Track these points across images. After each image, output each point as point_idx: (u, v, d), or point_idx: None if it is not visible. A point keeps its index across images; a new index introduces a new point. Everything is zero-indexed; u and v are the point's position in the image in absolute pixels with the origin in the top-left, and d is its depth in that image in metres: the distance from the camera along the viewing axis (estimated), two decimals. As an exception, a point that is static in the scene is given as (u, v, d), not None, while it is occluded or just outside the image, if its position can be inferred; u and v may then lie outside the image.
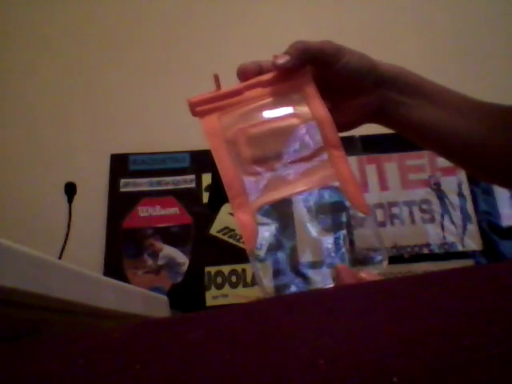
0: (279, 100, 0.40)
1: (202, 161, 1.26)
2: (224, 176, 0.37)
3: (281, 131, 0.39)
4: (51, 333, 0.44)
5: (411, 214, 1.23)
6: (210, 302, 1.12)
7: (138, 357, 0.19)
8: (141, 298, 0.61)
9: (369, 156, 1.28)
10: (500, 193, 1.23)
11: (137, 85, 1.38)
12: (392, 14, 1.46)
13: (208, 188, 1.24)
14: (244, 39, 1.42)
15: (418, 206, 1.24)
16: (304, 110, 0.40)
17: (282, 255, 0.38)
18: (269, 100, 0.40)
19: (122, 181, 1.25)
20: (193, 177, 1.25)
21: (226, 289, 1.13)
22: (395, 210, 1.23)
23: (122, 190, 1.24)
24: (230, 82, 0.43)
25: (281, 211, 0.38)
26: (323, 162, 0.38)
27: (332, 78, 0.43)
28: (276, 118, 0.40)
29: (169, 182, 1.25)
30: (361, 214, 0.36)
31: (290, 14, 1.46)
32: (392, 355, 0.17)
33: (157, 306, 0.67)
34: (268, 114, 0.40)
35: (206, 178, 1.25)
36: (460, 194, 1.24)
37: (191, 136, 1.35)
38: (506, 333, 0.17)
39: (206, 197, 1.23)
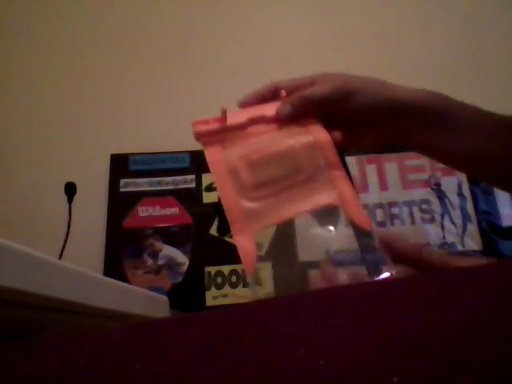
0: (281, 131, 0.42)
1: (202, 161, 1.26)
2: (224, 202, 0.38)
3: (280, 156, 0.40)
4: (51, 333, 0.44)
5: (411, 214, 1.23)
6: (210, 302, 1.12)
7: (138, 357, 0.19)
8: (141, 298, 0.61)
9: (369, 156, 1.28)
10: (500, 193, 1.23)
11: (137, 85, 1.38)
12: (391, 15, 1.46)
13: (208, 188, 1.24)
14: (244, 42, 1.42)
15: (417, 206, 1.24)
16: (304, 135, 0.40)
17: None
18: (271, 133, 0.42)
19: (122, 181, 1.25)
20: (193, 177, 1.25)
21: (226, 289, 1.13)
22: (395, 210, 1.23)
23: (122, 189, 1.24)
24: (229, 84, 0.43)
25: None
26: (324, 183, 0.38)
27: (343, 115, 0.42)
28: (275, 143, 0.41)
29: (169, 182, 1.25)
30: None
31: (288, 18, 1.46)
32: (392, 355, 0.16)
33: (157, 306, 0.67)
34: (268, 141, 0.41)
35: (206, 178, 1.25)
36: (460, 194, 1.24)
37: (191, 136, 1.35)
38: (507, 332, 0.17)
39: (205, 197, 1.23)
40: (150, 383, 0.17)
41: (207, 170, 0.41)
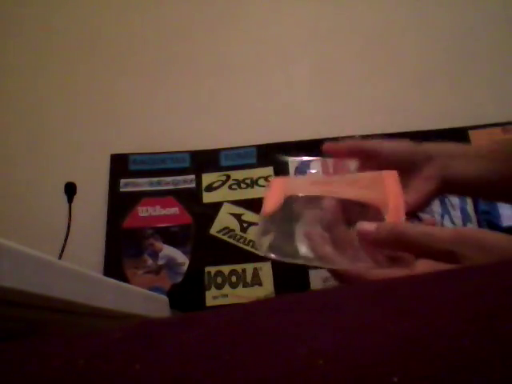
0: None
1: (202, 161, 1.26)
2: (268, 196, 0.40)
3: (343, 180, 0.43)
4: (51, 333, 0.44)
5: (411, 213, 1.23)
6: (210, 302, 1.12)
7: (138, 357, 0.19)
8: (141, 298, 0.61)
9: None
10: (500, 193, 1.23)
11: (137, 85, 1.38)
12: (389, 12, 1.46)
13: (208, 188, 1.24)
14: (244, 41, 1.42)
15: (418, 205, 1.24)
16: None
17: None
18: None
19: (122, 181, 1.25)
20: (193, 177, 1.25)
21: (226, 289, 1.13)
22: (395, 210, 1.23)
23: (122, 189, 1.24)
24: (229, 83, 0.43)
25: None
26: (376, 192, 0.38)
27: (386, 161, 0.47)
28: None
29: (169, 182, 1.25)
30: None
31: (287, 13, 1.46)
32: (392, 355, 0.16)
33: (157, 305, 0.67)
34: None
35: (206, 178, 1.25)
36: (460, 194, 1.24)
37: (191, 136, 1.35)
38: (507, 333, 0.17)
39: (206, 197, 1.23)
40: (149, 383, 0.17)
41: (207, 170, 0.42)
